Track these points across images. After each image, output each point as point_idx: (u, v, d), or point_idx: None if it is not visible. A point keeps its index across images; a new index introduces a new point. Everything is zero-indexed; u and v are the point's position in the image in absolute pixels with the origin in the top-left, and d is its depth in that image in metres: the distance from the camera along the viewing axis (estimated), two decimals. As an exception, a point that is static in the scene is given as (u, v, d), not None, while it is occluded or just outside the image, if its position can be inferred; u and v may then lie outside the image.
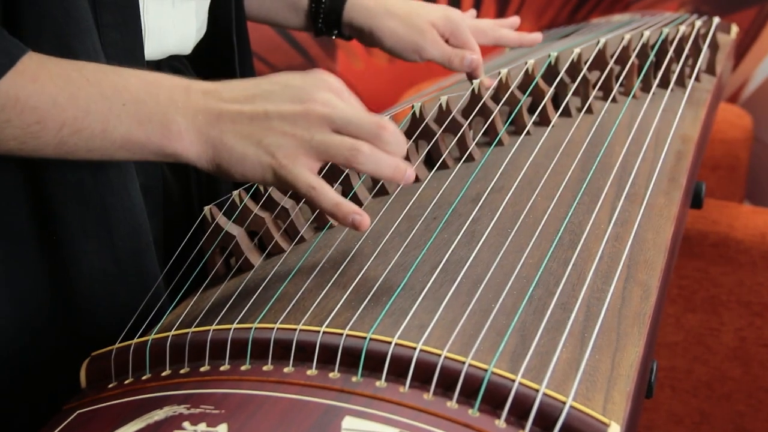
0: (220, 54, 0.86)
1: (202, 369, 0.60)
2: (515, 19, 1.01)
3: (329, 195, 0.64)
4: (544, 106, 0.90)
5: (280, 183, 0.64)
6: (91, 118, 0.62)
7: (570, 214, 0.73)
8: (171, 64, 0.80)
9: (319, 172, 0.79)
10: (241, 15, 0.88)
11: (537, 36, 1.01)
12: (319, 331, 0.59)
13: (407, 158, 0.82)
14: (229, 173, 0.65)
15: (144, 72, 0.66)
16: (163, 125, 0.63)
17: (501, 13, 2.24)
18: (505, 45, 1.02)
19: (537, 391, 0.54)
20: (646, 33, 1.01)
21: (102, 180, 0.69)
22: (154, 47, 0.75)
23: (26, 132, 0.62)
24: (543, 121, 0.90)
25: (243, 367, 0.59)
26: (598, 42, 0.98)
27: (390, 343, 0.58)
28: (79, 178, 0.68)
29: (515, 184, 0.77)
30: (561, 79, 0.94)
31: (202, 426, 0.53)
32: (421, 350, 0.57)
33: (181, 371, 0.61)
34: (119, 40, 0.70)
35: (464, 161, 0.84)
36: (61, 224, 0.68)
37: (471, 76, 0.96)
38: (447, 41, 0.95)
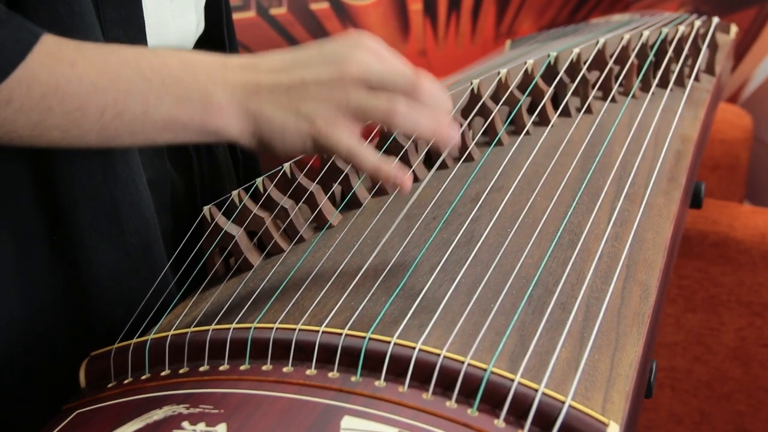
0: (213, 49, 0.86)
1: (201, 369, 0.60)
2: None
3: (371, 157, 0.63)
4: (544, 106, 0.90)
5: (321, 150, 0.64)
6: (131, 100, 0.62)
7: (569, 213, 0.73)
8: None
9: (319, 172, 0.80)
10: (229, 12, 0.88)
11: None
12: (318, 331, 0.59)
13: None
14: (271, 146, 0.64)
15: (180, 51, 0.66)
16: (203, 102, 0.63)
17: (501, 13, 2.24)
18: None
19: (536, 390, 0.54)
20: (646, 33, 1.01)
21: (111, 175, 0.69)
22: (154, 43, 0.75)
23: (68, 119, 0.61)
24: (542, 121, 0.90)
25: (242, 367, 0.59)
26: (598, 42, 0.98)
27: (389, 342, 0.58)
28: (89, 175, 0.68)
29: (515, 184, 0.77)
30: (560, 79, 0.94)
31: (202, 426, 0.53)
32: (420, 350, 0.57)
33: (181, 371, 0.61)
34: (123, 36, 0.70)
35: (464, 161, 0.84)
36: (71, 221, 0.68)
37: None
38: None
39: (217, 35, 0.85)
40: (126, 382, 0.62)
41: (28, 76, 0.59)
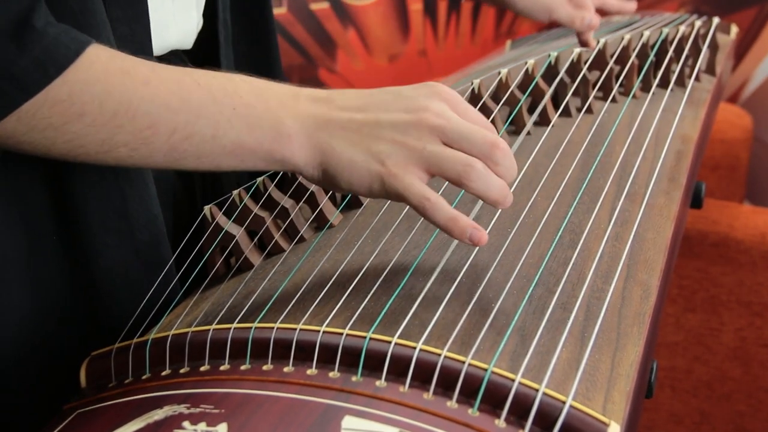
0: (207, 50, 0.86)
1: (201, 368, 0.60)
2: None
3: (445, 208, 0.62)
4: (544, 106, 0.90)
5: (389, 193, 0.62)
6: (202, 123, 0.62)
7: (570, 213, 0.73)
8: (172, 61, 0.80)
9: None
10: (228, 13, 0.88)
11: (632, 5, 1.23)
12: (319, 331, 0.59)
13: None
14: (336, 181, 0.63)
15: (252, 78, 0.65)
16: (273, 129, 0.62)
17: (501, 13, 2.24)
18: (608, 11, 1.23)
19: (537, 390, 0.54)
20: (646, 33, 1.01)
21: (121, 172, 0.69)
22: (156, 42, 0.75)
23: (138, 138, 0.61)
24: (543, 120, 0.91)
25: (243, 367, 0.59)
26: (598, 42, 0.98)
27: (390, 342, 0.58)
28: (100, 172, 0.68)
29: (515, 184, 0.77)
30: (561, 79, 0.94)
31: (202, 425, 0.53)
32: (421, 350, 0.57)
33: (181, 371, 0.61)
34: (129, 35, 0.70)
35: (464, 161, 0.83)
36: (81, 217, 0.69)
37: (582, 40, 1.11)
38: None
39: (211, 35, 0.85)
40: (127, 382, 0.62)
41: (100, 91, 0.59)
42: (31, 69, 0.58)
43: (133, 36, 0.70)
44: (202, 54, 0.85)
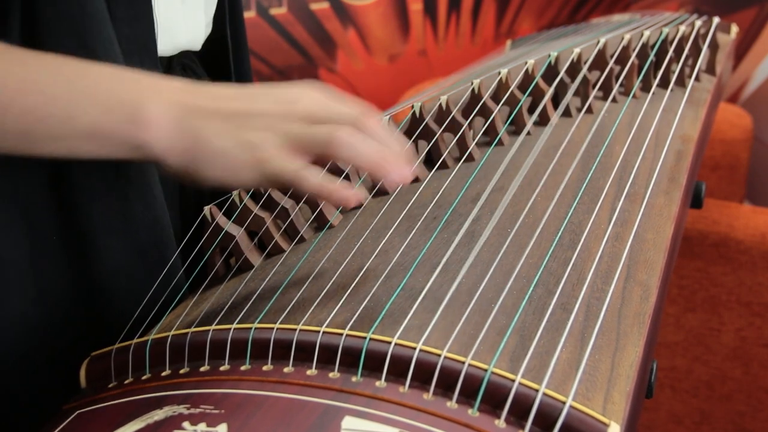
0: (217, 51, 0.86)
1: (201, 369, 0.60)
2: None
3: (313, 178, 0.61)
4: (544, 106, 0.90)
5: (266, 178, 0.61)
6: (56, 105, 0.60)
7: (570, 213, 0.73)
8: (182, 62, 0.80)
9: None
10: (237, 14, 0.88)
11: None
12: (318, 331, 0.59)
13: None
14: (202, 171, 0.61)
15: (115, 66, 0.64)
16: (131, 113, 0.61)
17: (501, 13, 2.24)
18: None
19: (537, 391, 0.54)
20: (646, 33, 1.01)
21: (124, 173, 0.69)
22: (166, 42, 0.75)
23: None
24: (543, 120, 0.91)
25: (243, 367, 0.59)
26: (598, 42, 0.98)
27: (390, 343, 0.58)
28: (102, 173, 0.68)
29: (515, 184, 0.77)
30: (561, 79, 0.94)
31: (202, 426, 0.53)
32: (421, 350, 0.57)
33: (181, 371, 0.61)
34: (131, 35, 0.70)
35: (464, 161, 0.84)
36: (85, 219, 0.69)
37: None
38: None
39: (221, 35, 0.86)
40: (127, 382, 0.62)
41: None
42: None
43: (136, 36, 0.70)
44: (213, 58, 0.85)
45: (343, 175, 0.78)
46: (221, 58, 0.86)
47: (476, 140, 0.86)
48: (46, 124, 0.60)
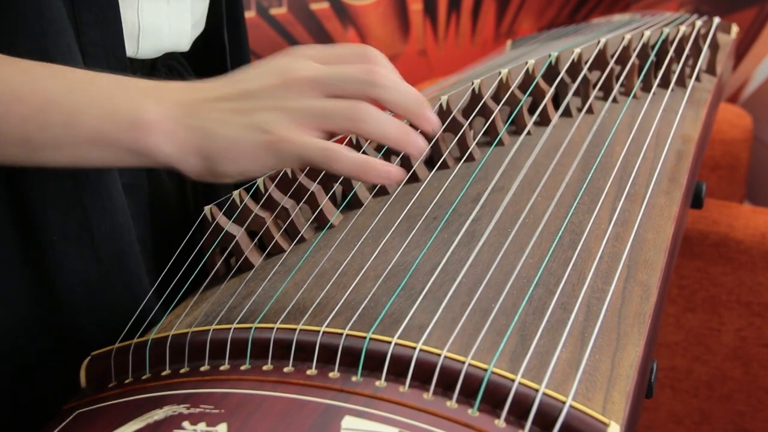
0: (213, 52, 0.86)
1: (201, 369, 0.60)
2: None
3: (352, 154, 0.57)
4: (545, 106, 0.90)
5: (285, 161, 0.57)
6: (56, 111, 0.59)
7: (570, 214, 0.73)
8: (167, 63, 0.80)
9: (320, 172, 0.79)
10: (236, 13, 0.87)
11: None
12: (319, 331, 0.59)
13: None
14: (220, 167, 0.59)
15: (112, 74, 0.63)
16: (133, 116, 0.59)
17: (501, 13, 2.24)
18: None
19: (537, 390, 0.54)
20: (647, 33, 1.01)
21: (81, 181, 0.68)
22: (149, 44, 0.75)
23: None
24: (543, 121, 0.90)
25: (243, 367, 0.59)
26: (599, 42, 0.98)
27: (390, 342, 0.57)
28: (59, 181, 0.67)
29: (515, 184, 0.77)
30: (561, 79, 0.94)
31: (202, 425, 0.53)
32: (421, 350, 0.57)
33: (181, 371, 0.61)
34: (99, 39, 0.69)
35: (464, 161, 0.83)
36: (41, 227, 0.68)
37: None
38: None
39: (217, 35, 0.85)
40: (126, 381, 0.62)
41: None
42: None
43: (104, 40, 0.69)
44: (207, 59, 0.85)
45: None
46: (216, 59, 0.86)
47: (476, 140, 0.86)
48: (48, 131, 0.59)
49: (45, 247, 0.68)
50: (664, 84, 1.01)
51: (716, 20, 1.15)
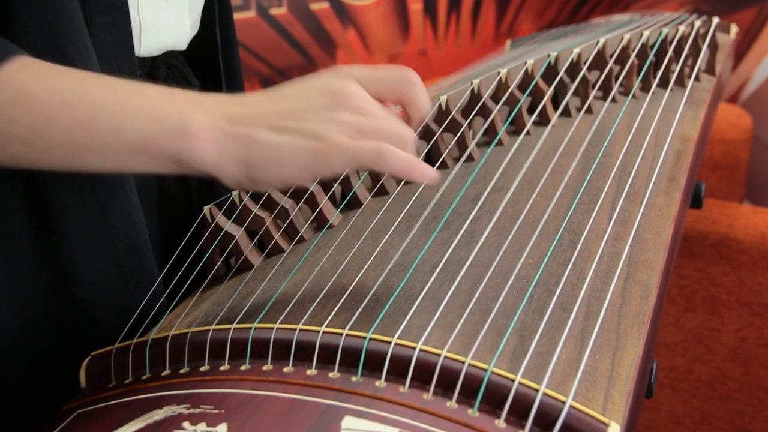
0: (206, 53, 0.86)
1: (201, 369, 0.60)
2: None
3: (402, 152, 0.60)
4: (544, 106, 0.90)
5: (332, 165, 0.59)
6: (103, 117, 0.60)
7: (570, 213, 0.73)
8: (167, 60, 0.80)
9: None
10: (227, 13, 0.88)
11: None
12: (318, 331, 0.59)
13: None
14: (262, 174, 0.60)
15: (156, 85, 0.64)
16: (179, 123, 0.60)
17: (501, 13, 2.24)
18: None
19: (537, 390, 0.54)
20: (646, 33, 1.01)
21: (100, 180, 0.69)
22: (150, 43, 0.75)
23: (33, 131, 0.59)
24: (543, 120, 0.91)
25: (243, 367, 0.59)
26: (598, 42, 0.98)
27: (390, 342, 0.57)
28: (78, 181, 0.68)
29: (515, 184, 0.77)
30: (560, 79, 0.94)
31: (202, 426, 0.53)
32: (420, 350, 0.57)
33: (181, 371, 0.61)
34: (110, 40, 0.69)
35: (464, 161, 0.84)
36: (60, 225, 0.68)
37: None
38: None
39: (210, 34, 0.85)
40: (126, 382, 0.62)
41: None
42: None
43: (114, 41, 0.70)
44: (202, 58, 0.85)
45: (342, 175, 0.78)
46: (210, 57, 0.86)
47: (476, 140, 0.86)
48: (94, 137, 0.60)
49: (63, 246, 0.69)
50: (663, 84, 1.01)
51: (715, 20, 1.15)
